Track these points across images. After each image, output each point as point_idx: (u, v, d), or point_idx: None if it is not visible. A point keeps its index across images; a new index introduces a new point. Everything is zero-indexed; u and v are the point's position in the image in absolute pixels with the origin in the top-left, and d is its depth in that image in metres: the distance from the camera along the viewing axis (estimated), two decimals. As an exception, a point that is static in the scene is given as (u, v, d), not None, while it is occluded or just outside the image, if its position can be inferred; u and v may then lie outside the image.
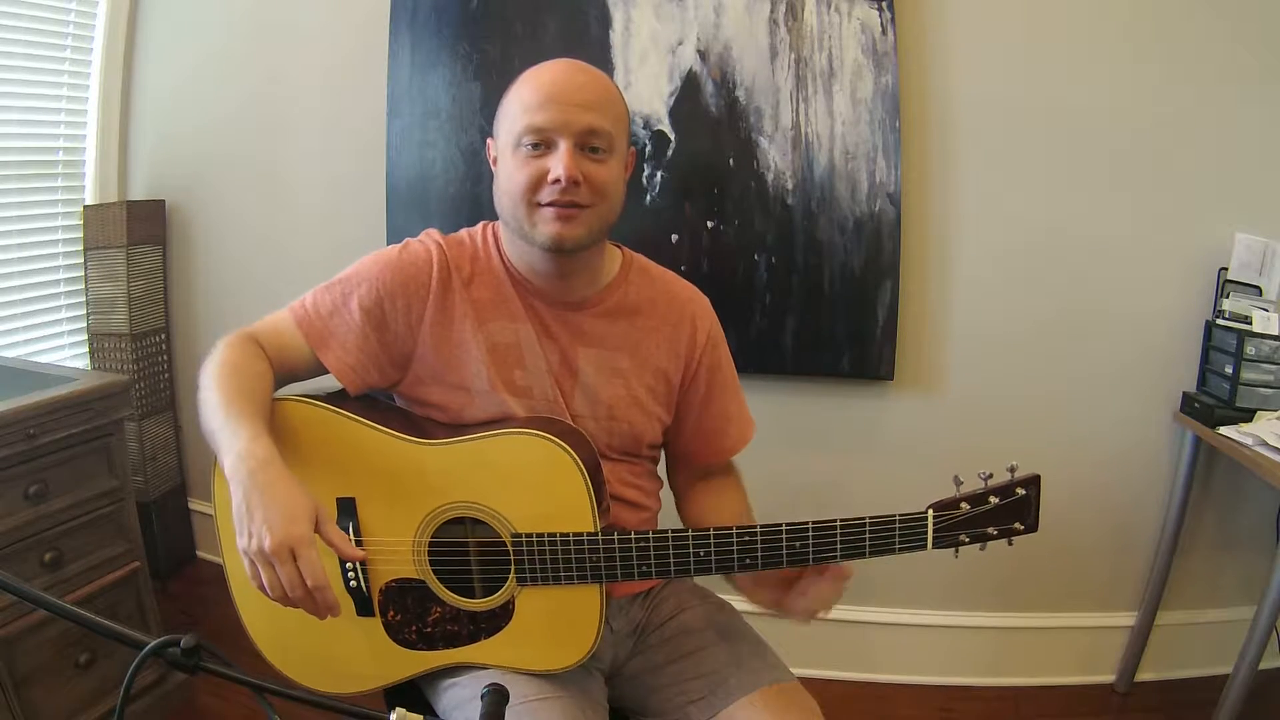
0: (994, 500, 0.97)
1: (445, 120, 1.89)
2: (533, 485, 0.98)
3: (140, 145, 2.23)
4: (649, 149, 1.82)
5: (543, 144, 0.98)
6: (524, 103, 0.99)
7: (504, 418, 1.04)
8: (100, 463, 1.59)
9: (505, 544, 0.99)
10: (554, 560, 0.98)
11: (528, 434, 0.98)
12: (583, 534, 0.98)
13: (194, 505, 2.40)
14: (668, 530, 1.00)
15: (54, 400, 1.46)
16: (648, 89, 1.81)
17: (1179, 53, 1.71)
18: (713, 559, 0.99)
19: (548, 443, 0.97)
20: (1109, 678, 1.97)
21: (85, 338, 2.20)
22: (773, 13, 1.76)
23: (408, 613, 1.03)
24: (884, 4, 1.72)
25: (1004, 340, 1.85)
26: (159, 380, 2.28)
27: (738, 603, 1.16)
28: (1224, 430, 1.62)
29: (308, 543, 0.82)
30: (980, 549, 0.99)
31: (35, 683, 1.45)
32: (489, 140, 1.08)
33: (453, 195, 1.91)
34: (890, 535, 0.97)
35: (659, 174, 1.83)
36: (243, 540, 0.83)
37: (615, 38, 1.81)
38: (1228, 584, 1.92)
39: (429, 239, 1.09)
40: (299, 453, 0.99)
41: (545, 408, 1.06)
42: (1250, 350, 1.63)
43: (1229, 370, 1.66)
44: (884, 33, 1.73)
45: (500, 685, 0.67)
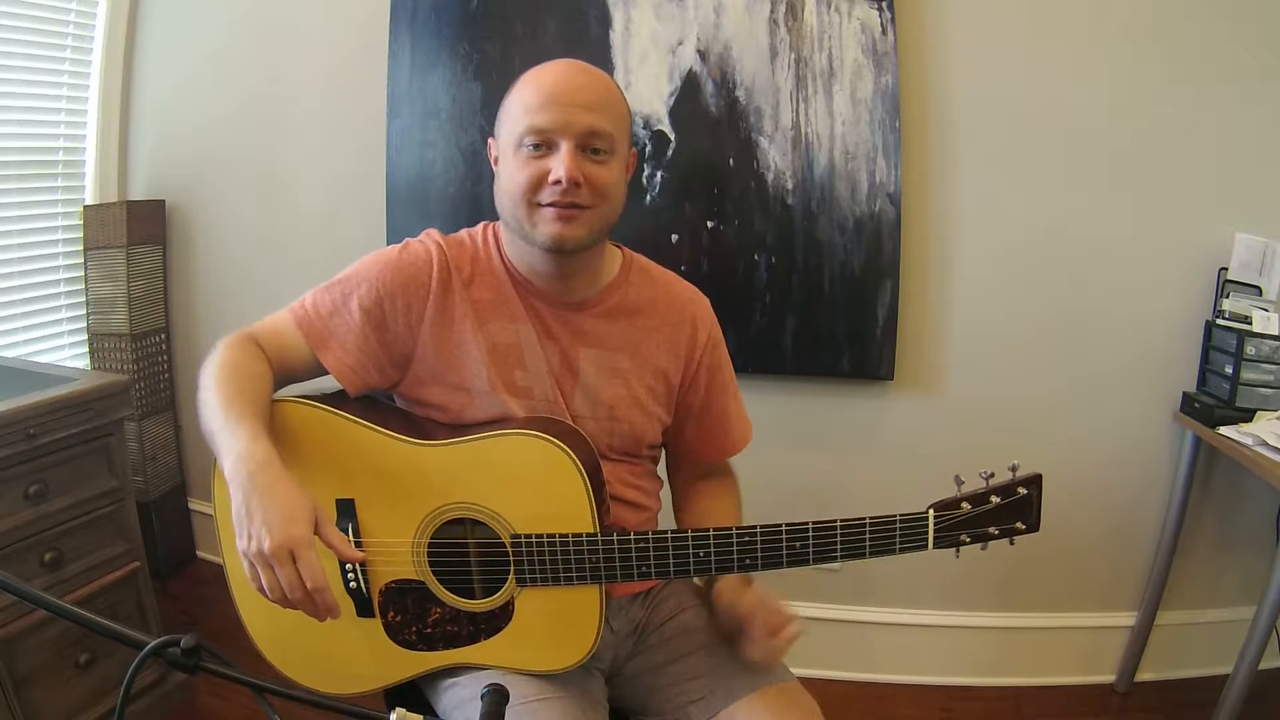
0: (995, 500, 0.97)
1: (445, 120, 1.89)
2: (532, 486, 0.98)
3: (140, 145, 2.23)
4: (649, 149, 1.82)
5: (544, 144, 0.98)
6: (526, 103, 0.99)
7: (504, 418, 1.04)
8: (100, 463, 1.59)
9: (505, 545, 1.00)
10: (553, 561, 0.98)
11: (527, 435, 0.98)
12: (582, 535, 0.98)
13: (194, 505, 2.40)
14: (667, 531, 1.00)
15: (54, 400, 1.46)
16: (648, 89, 1.81)
17: (1179, 53, 1.71)
18: (713, 559, 0.99)
19: (547, 443, 0.97)
20: (1109, 678, 1.97)
21: (85, 338, 2.20)
22: (773, 13, 1.76)
23: (408, 613, 1.03)
24: (884, 4, 1.72)
25: (1004, 340, 1.85)
26: (159, 380, 2.28)
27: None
28: (1224, 430, 1.62)
29: (307, 545, 0.82)
30: (981, 549, 0.99)
31: (35, 683, 1.45)
32: (490, 140, 1.08)
33: (453, 195, 1.91)
34: (891, 535, 0.97)
35: (659, 174, 1.83)
36: (242, 542, 0.83)
37: (615, 38, 1.81)
38: (1228, 584, 1.92)
39: (429, 239, 1.09)
40: (298, 454, 0.99)
41: (545, 408, 1.06)
42: (1250, 350, 1.63)
43: (1229, 370, 1.66)
44: (884, 33, 1.73)
45: (500, 685, 0.67)
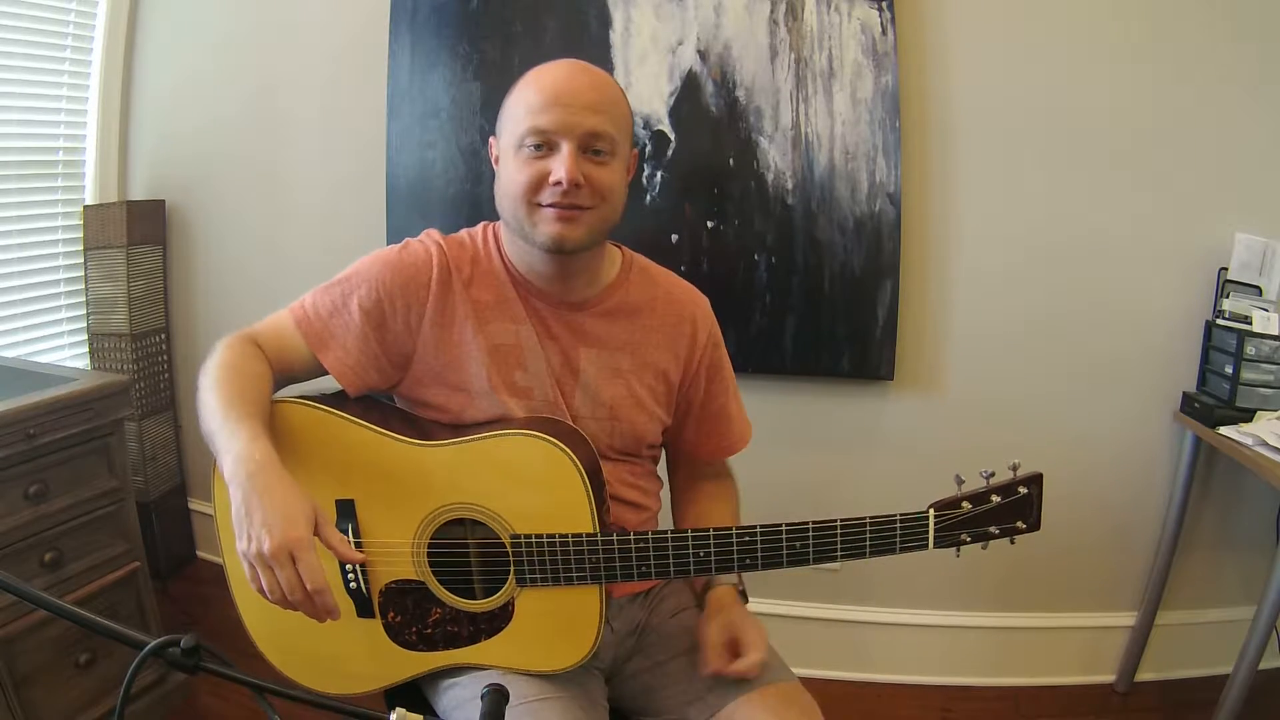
0: (996, 499, 0.97)
1: (445, 120, 1.89)
2: (532, 486, 0.98)
3: (140, 145, 2.23)
4: (649, 149, 1.82)
5: (545, 145, 0.98)
6: (528, 104, 0.99)
7: (504, 419, 1.04)
8: (100, 463, 1.59)
9: (504, 545, 1.00)
10: (553, 561, 0.98)
11: (527, 435, 0.98)
12: (582, 535, 0.98)
13: (194, 505, 2.40)
14: (667, 531, 1.00)
15: (54, 400, 1.46)
16: (648, 89, 1.80)
17: (1179, 53, 1.71)
18: (713, 559, 0.99)
19: (546, 444, 0.97)
20: (1109, 678, 1.97)
21: (85, 338, 2.20)
22: (773, 13, 1.76)
23: (408, 614, 1.03)
24: (884, 4, 1.72)
25: (1004, 340, 1.85)
26: (159, 380, 2.28)
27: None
28: (1224, 430, 1.62)
29: (307, 546, 0.82)
30: (982, 548, 0.99)
31: (35, 683, 1.45)
32: (491, 139, 1.08)
33: (453, 195, 1.91)
34: (891, 535, 0.97)
35: (659, 174, 1.83)
36: (242, 543, 0.83)
37: (615, 38, 1.81)
38: (1228, 584, 1.92)
39: (429, 239, 1.09)
40: (298, 455, 0.99)
41: (546, 409, 1.06)
42: (1250, 350, 1.63)
43: (1229, 370, 1.66)
44: (884, 33, 1.73)
45: (500, 685, 0.67)
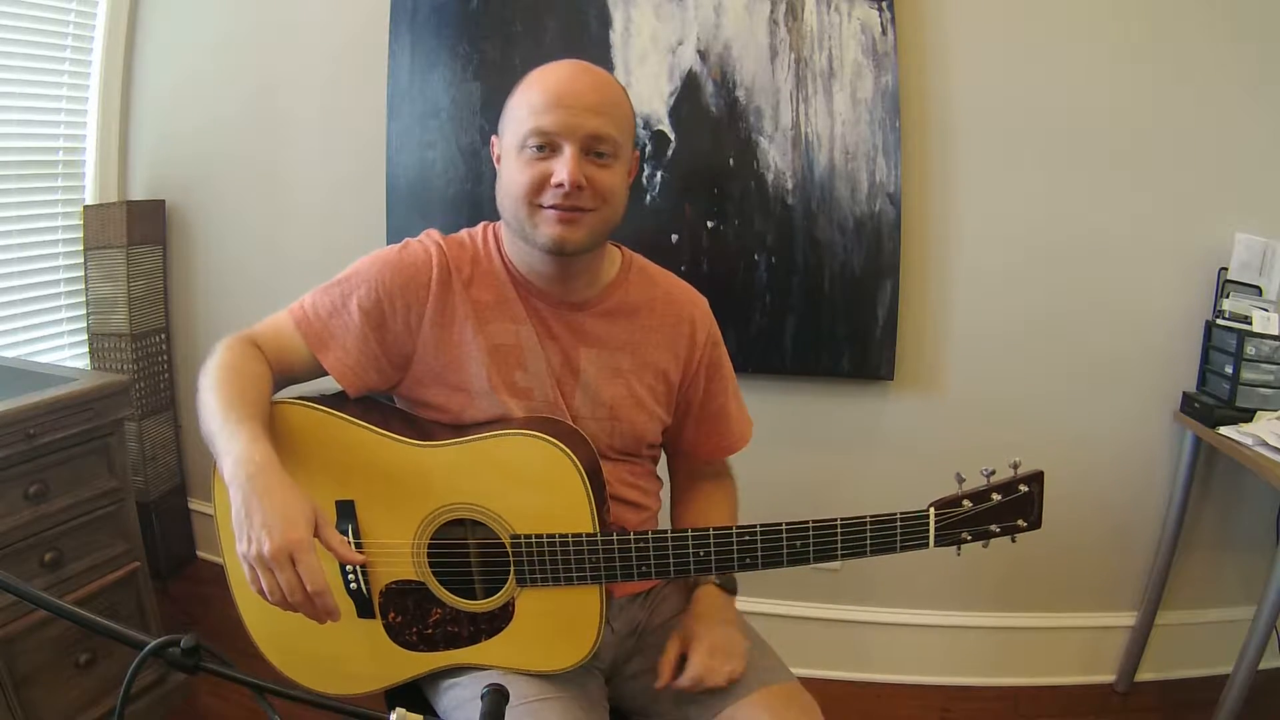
0: (997, 497, 0.97)
1: (445, 120, 1.89)
2: (531, 486, 0.98)
3: (140, 145, 2.23)
4: (649, 149, 1.82)
5: (548, 146, 0.98)
6: (530, 105, 0.99)
7: (504, 419, 1.04)
8: (100, 463, 1.59)
9: (505, 545, 1.00)
10: (553, 561, 0.98)
11: (526, 435, 0.98)
12: (581, 535, 0.98)
13: (194, 505, 2.40)
14: (667, 531, 1.00)
15: (54, 400, 1.46)
16: (648, 89, 1.80)
17: (1179, 53, 1.71)
18: (713, 559, 0.99)
19: (547, 444, 0.97)
20: (1109, 678, 1.97)
21: (85, 338, 2.20)
22: (773, 13, 1.76)
23: (408, 614, 1.03)
24: (884, 4, 1.72)
25: (1004, 340, 1.85)
26: (159, 380, 2.28)
27: (737, 603, 1.16)
28: (1224, 430, 1.62)
29: (307, 548, 0.82)
30: (983, 546, 0.99)
31: (35, 683, 1.45)
32: (493, 138, 1.08)
33: (453, 195, 1.91)
34: (892, 534, 0.97)
35: (659, 174, 1.82)
36: (242, 545, 0.83)
37: (615, 38, 1.81)
38: (1228, 584, 1.92)
39: (429, 239, 1.09)
40: (298, 456, 0.99)
41: (546, 409, 1.06)
42: (1250, 350, 1.63)
43: (1229, 370, 1.66)
44: (884, 33, 1.73)
45: (500, 685, 0.67)
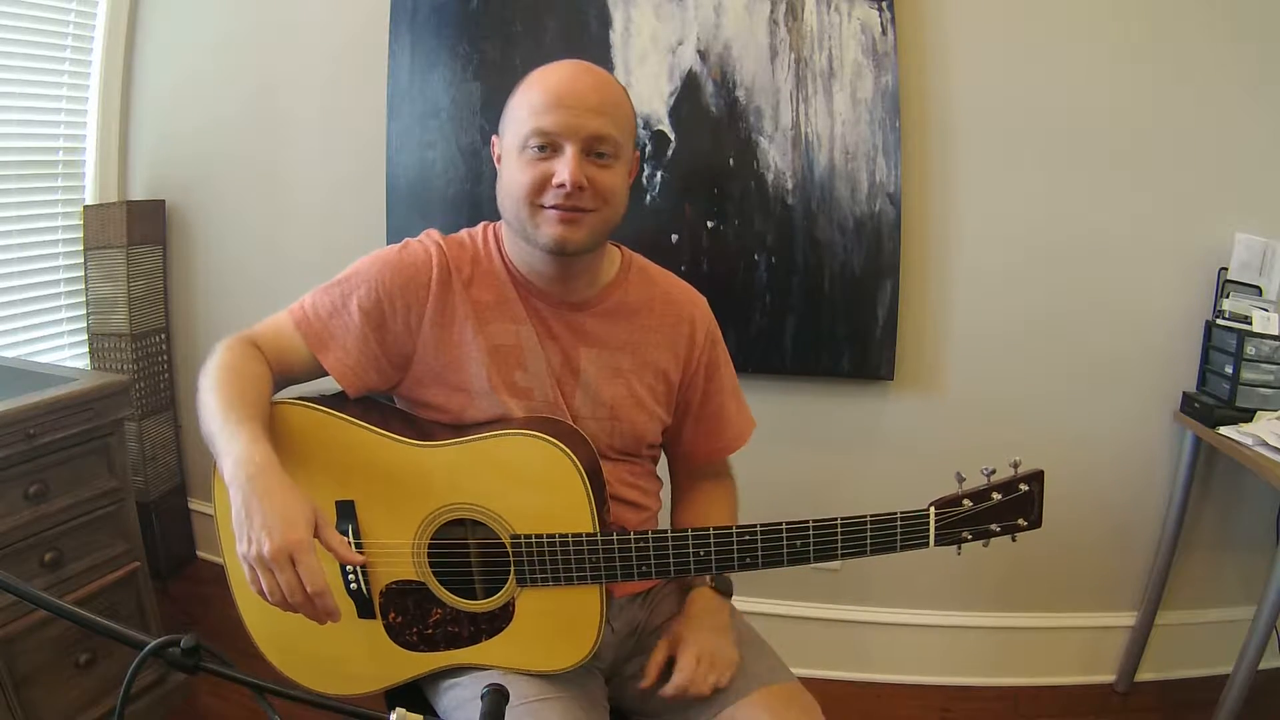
0: (997, 496, 0.97)
1: (445, 120, 1.89)
2: (532, 486, 0.98)
3: (140, 145, 2.23)
4: (649, 149, 1.82)
5: (549, 147, 0.98)
6: (532, 105, 0.99)
7: (504, 419, 1.04)
8: (100, 463, 1.59)
9: (505, 545, 1.00)
10: (553, 561, 0.98)
11: (527, 435, 0.98)
12: (581, 535, 0.98)
13: (194, 505, 2.40)
14: (667, 530, 1.00)
15: (54, 400, 1.46)
16: (648, 89, 1.80)
17: (1179, 53, 1.71)
18: (713, 559, 0.99)
19: (547, 444, 0.97)
20: (1109, 678, 1.97)
21: (85, 338, 2.20)
22: (773, 13, 1.76)
23: (408, 614, 1.03)
24: (884, 4, 1.72)
25: (1004, 340, 1.85)
26: (159, 380, 2.28)
27: (737, 603, 1.16)
28: (1224, 430, 1.62)
29: (307, 548, 0.82)
30: (984, 545, 0.99)
31: (35, 683, 1.45)
32: (494, 138, 1.08)
33: (453, 195, 1.91)
34: (892, 533, 0.97)
35: (659, 174, 1.82)
36: (242, 546, 0.83)
37: (615, 38, 1.81)
38: (1228, 584, 1.92)
39: (428, 239, 1.09)
40: (298, 456, 0.99)
41: (546, 409, 1.06)
42: (1250, 350, 1.63)
43: (1229, 370, 1.66)
44: (884, 33, 1.73)
45: (500, 685, 0.67)
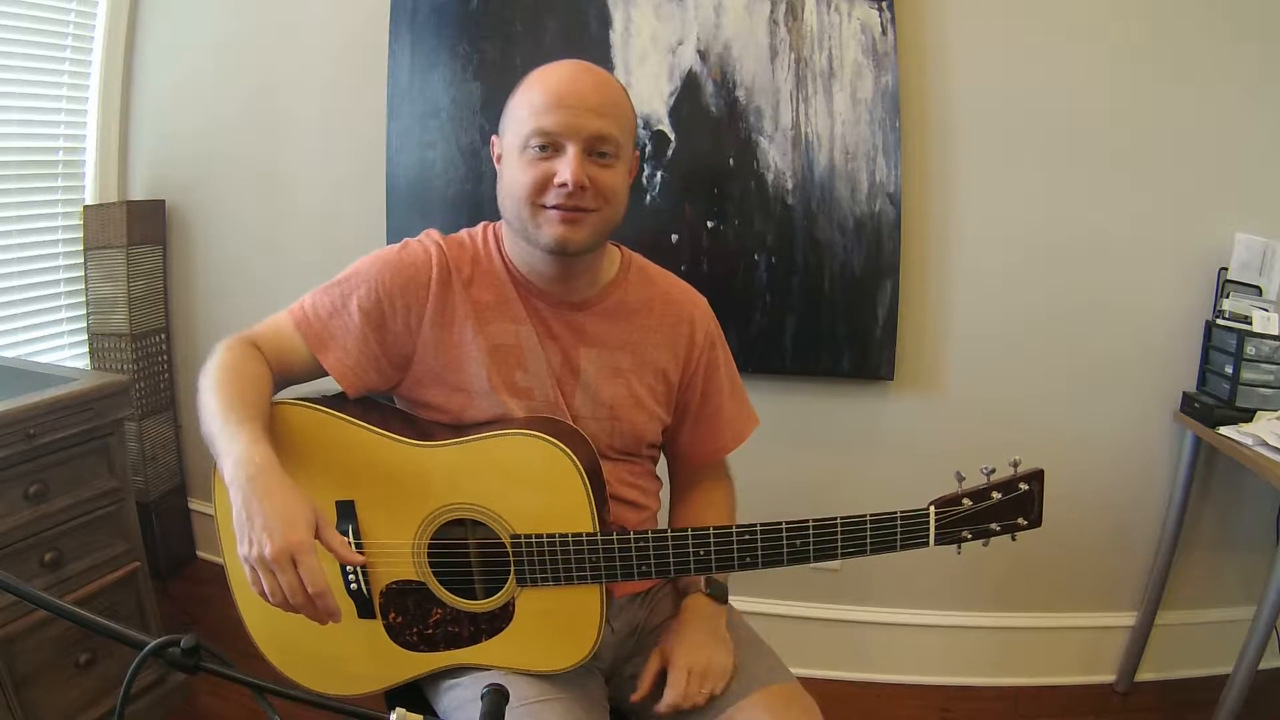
0: (997, 495, 0.97)
1: (445, 120, 1.89)
2: (531, 486, 0.98)
3: (140, 145, 2.23)
4: (649, 149, 1.82)
5: (550, 147, 0.98)
6: (532, 105, 0.99)
7: (504, 419, 1.04)
8: (100, 463, 1.59)
9: (505, 545, 1.00)
10: (553, 561, 0.98)
11: (527, 435, 0.98)
12: (581, 534, 0.98)
13: (194, 505, 2.40)
14: (667, 530, 1.00)
15: (54, 400, 1.46)
16: (648, 89, 1.80)
17: (1179, 53, 1.71)
18: (713, 558, 0.99)
19: (546, 443, 0.97)
20: (1109, 678, 1.97)
21: (85, 338, 2.20)
22: (773, 13, 1.76)
23: (409, 614, 1.03)
24: (884, 4, 1.72)
25: (1004, 340, 1.85)
26: (159, 380, 2.28)
27: (737, 603, 1.16)
28: (1224, 430, 1.62)
29: (308, 549, 0.82)
30: (984, 545, 0.99)
31: (35, 683, 1.45)
32: (494, 138, 1.08)
33: (453, 195, 1.91)
34: (892, 532, 0.97)
35: (659, 174, 1.82)
36: (243, 547, 0.83)
37: (615, 38, 1.81)
38: (1228, 584, 1.92)
39: (428, 239, 1.09)
40: (298, 456, 0.99)
41: (546, 409, 1.06)
42: (1250, 350, 1.63)
43: (1229, 370, 1.66)
44: (884, 33, 1.73)
45: (500, 685, 0.67)
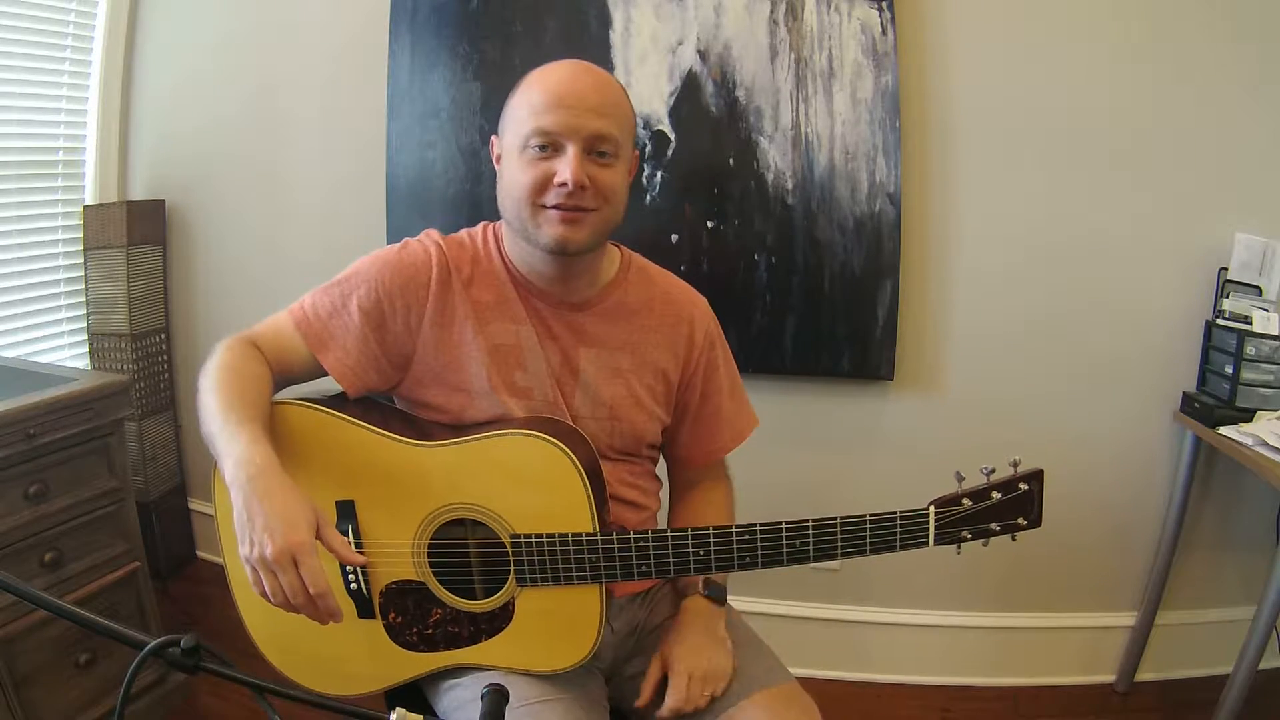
0: (997, 495, 0.97)
1: (445, 120, 1.89)
2: (531, 486, 0.98)
3: (140, 145, 2.23)
4: (649, 149, 1.82)
5: (550, 146, 0.98)
6: (532, 104, 0.99)
7: (504, 419, 1.04)
8: (100, 463, 1.59)
9: (505, 545, 1.00)
10: (553, 561, 0.98)
11: (527, 435, 0.98)
12: (581, 534, 0.98)
13: (194, 505, 2.40)
14: (667, 530, 1.00)
15: (54, 400, 1.46)
16: (648, 89, 1.80)
17: (1179, 53, 1.71)
18: (713, 558, 0.99)
19: (546, 443, 0.97)
20: (1109, 678, 1.97)
21: (85, 338, 2.20)
22: (773, 13, 1.76)
23: (409, 614, 1.03)
24: (884, 4, 1.72)
25: (1004, 340, 1.85)
26: (159, 380, 2.28)
27: (736, 603, 1.16)
28: (1224, 430, 1.62)
29: (309, 550, 0.82)
30: (983, 545, 0.99)
31: (35, 683, 1.45)
32: (493, 138, 1.08)
33: (453, 195, 1.91)
34: (892, 532, 0.97)
35: (659, 174, 1.82)
36: (244, 548, 0.83)
37: (615, 38, 1.81)
38: (1228, 584, 1.92)
39: (428, 239, 1.09)
40: (298, 456, 0.99)
41: (546, 409, 1.06)
42: (1250, 350, 1.63)
43: (1229, 370, 1.66)
44: (884, 33, 1.73)
45: (500, 685, 0.67)
